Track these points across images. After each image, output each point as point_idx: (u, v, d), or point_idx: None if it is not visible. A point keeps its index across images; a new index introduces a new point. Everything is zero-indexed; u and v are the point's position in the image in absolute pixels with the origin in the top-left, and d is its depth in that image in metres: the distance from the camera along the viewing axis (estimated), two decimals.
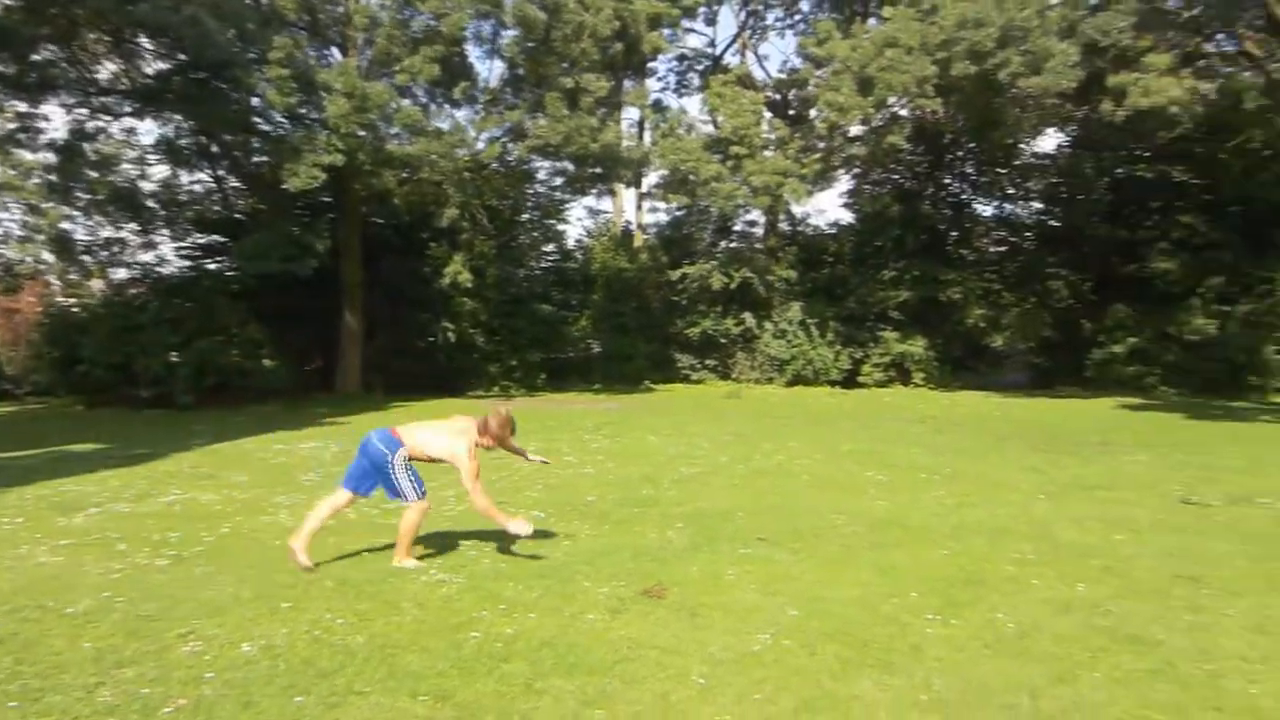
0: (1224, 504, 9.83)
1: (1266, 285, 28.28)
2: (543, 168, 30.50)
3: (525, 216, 32.41)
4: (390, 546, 7.30)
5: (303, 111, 23.13)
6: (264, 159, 24.53)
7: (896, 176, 34.41)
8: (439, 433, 6.98)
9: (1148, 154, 30.22)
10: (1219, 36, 25.45)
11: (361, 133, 22.71)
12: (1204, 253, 28.23)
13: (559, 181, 31.05)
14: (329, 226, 24.88)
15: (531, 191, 32.05)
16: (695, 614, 5.86)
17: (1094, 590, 6.52)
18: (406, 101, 24.34)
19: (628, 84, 31.41)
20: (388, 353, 28.01)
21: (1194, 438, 16.66)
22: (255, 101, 22.97)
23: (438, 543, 7.89)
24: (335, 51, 25.48)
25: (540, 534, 7.72)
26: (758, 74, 34.49)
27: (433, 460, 6.97)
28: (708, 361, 32.25)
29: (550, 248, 34.14)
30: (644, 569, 6.95)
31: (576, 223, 60.95)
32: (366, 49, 24.01)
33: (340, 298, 26.63)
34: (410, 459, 6.87)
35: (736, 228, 34.87)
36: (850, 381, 30.52)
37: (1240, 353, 27.32)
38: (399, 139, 24.38)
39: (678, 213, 33.73)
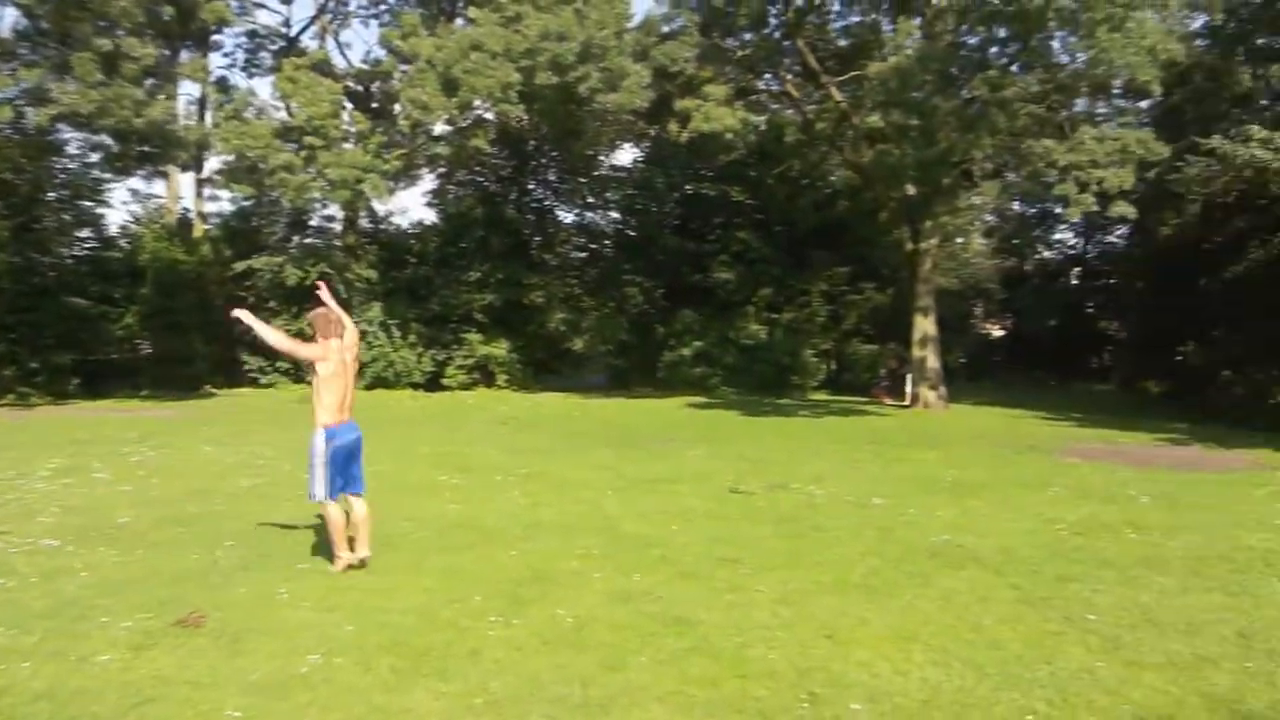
0: (765, 491, 10.70)
1: (805, 297, 31.95)
2: (74, 140, 26.25)
3: (51, 195, 27.72)
4: None
5: None
6: None
7: (481, 179, 34.51)
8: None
9: (710, 174, 32.85)
10: (767, 76, 28.17)
11: None
12: (756, 266, 31.29)
13: (95, 158, 26.82)
14: None
15: (60, 167, 27.30)
16: (238, 640, 5.34)
17: (648, 578, 6.77)
18: None
19: (186, 56, 28.51)
20: None
21: (745, 432, 18.20)
22: None
23: None
24: None
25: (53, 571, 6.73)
26: (338, 62, 32.95)
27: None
28: (280, 364, 30.10)
29: (86, 233, 29.38)
30: (182, 596, 6.19)
31: (121, 207, 53.97)
32: None
33: None
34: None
35: (313, 223, 32.86)
36: (434, 384, 30.03)
37: (785, 355, 30.56)
38: None
39: (245, 203, 31.19)
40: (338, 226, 32.73)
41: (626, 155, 44.47)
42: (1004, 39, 20.64)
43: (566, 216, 36.54)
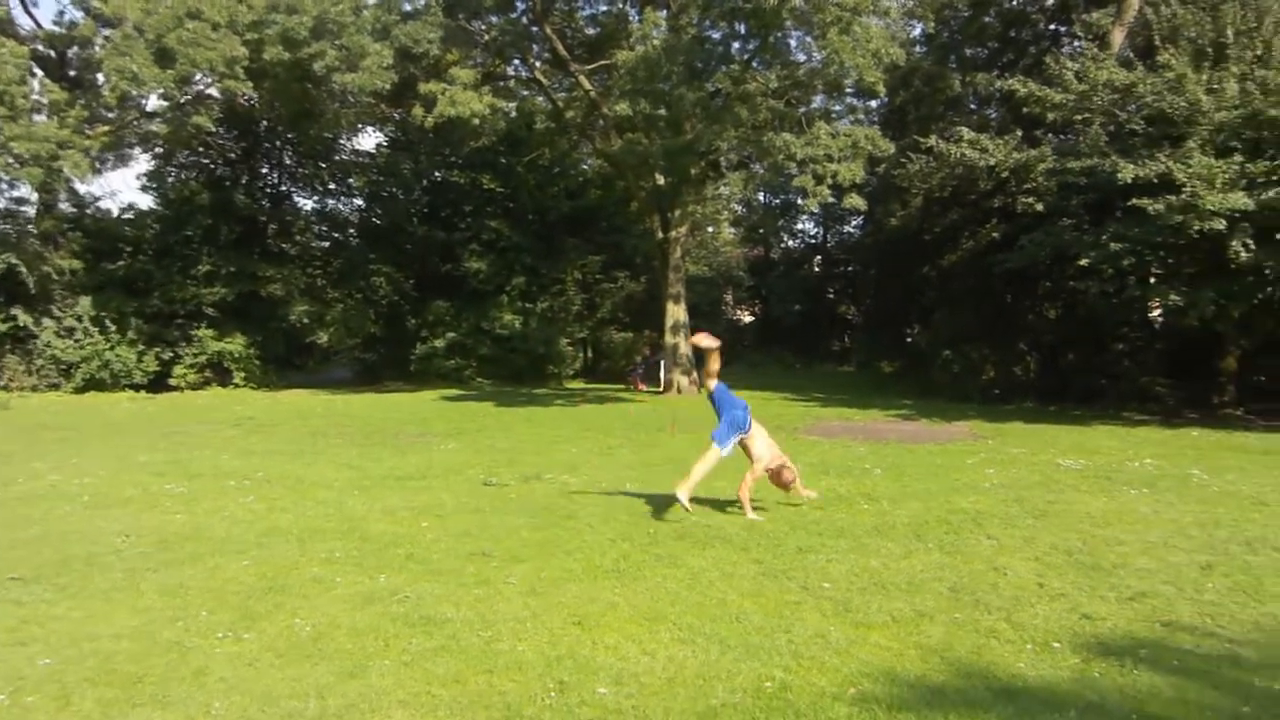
0: (518, 482, 10.58)
1: (559, 285, 32.04)
2: None
3: None
4: None
5: None
6: None
7: (207, 161, 31.90)
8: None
9: (459, 161, 32.24)
10: (516, 62, 27.89)
11: None
12: (508, 254, 31.00)
13: None
14: None
15: None
16: None
17: (395, 578, 6.51)
18: None
19: None
20: None
21: (500, 423, 17.95)
22: None
23: None
24: None
25: None
26: (23, 21, 29.31)
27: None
28: None
29: None
30: None
31: None
32: None
33: None
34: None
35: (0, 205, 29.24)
36: (160, 384, 27.44)
37: (540, 345, 30.55)
38: None
39: None
40: (30, 210, 29.04)
41: (370, 140, 42.98)
42: (745, 35, 21.42)
43: (306, 203, 34.77)
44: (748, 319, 47.31)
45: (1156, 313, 20.27)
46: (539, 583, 6.30)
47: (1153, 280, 17.24)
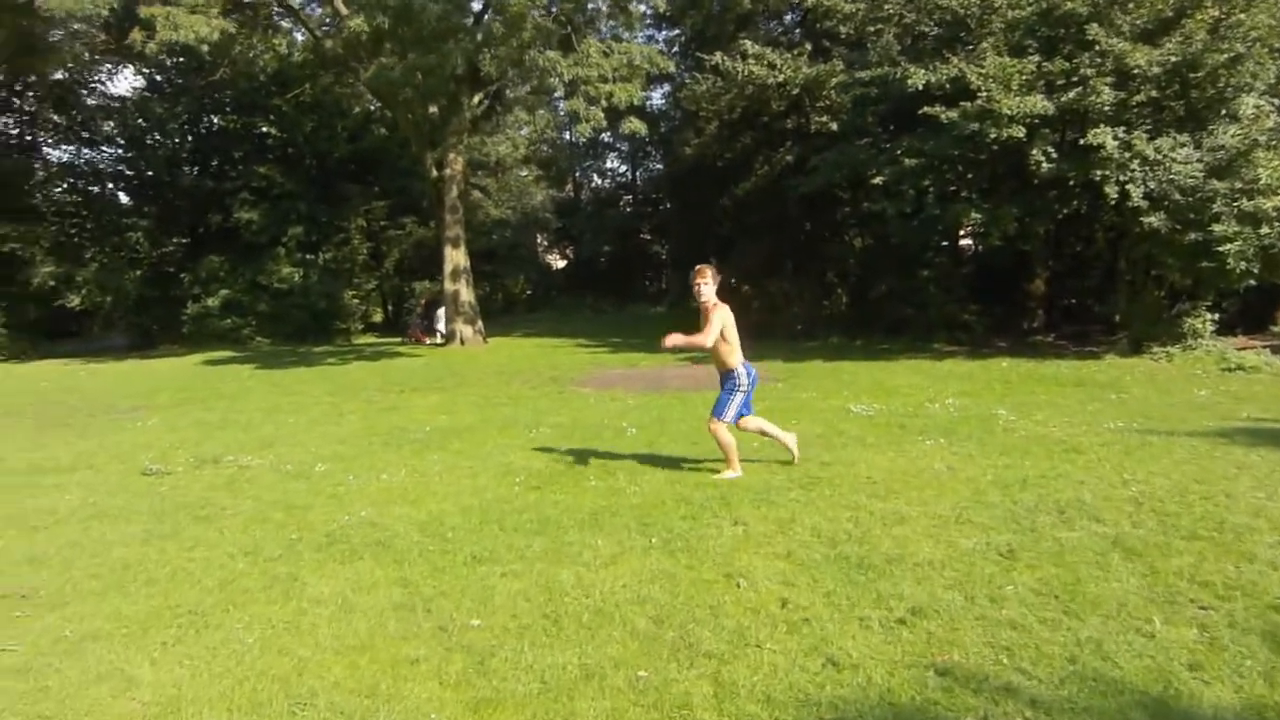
0: (187, 468, 8.53)
1: (343, 234, 29.26)
2: None
3: None
4: None
5: None
6: None
7: None
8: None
9: (230, 105, 28.78)
10: None
11: None
12: (283, 203, 27.91)
13: None
14: None
15: None
16: None
17: None
18: None
19: None
20: None
21: (242, 390, 15.54)
22: None
23: None
24: None
25: None
26: None
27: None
28: None
29: None
30: None
31: None
32: None
33: None
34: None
35: None
36: None
37: (322, 299, 27.84)
38: None
39: None
40: None
41: (126, 83, 38.51)
42: None
43: (55, 153, 30.62)
44: (560, 263, 45.30)
45: (965, 236, 19.47)
46: (48, 647, 4.32)
47: (959, 198, 16.16)
